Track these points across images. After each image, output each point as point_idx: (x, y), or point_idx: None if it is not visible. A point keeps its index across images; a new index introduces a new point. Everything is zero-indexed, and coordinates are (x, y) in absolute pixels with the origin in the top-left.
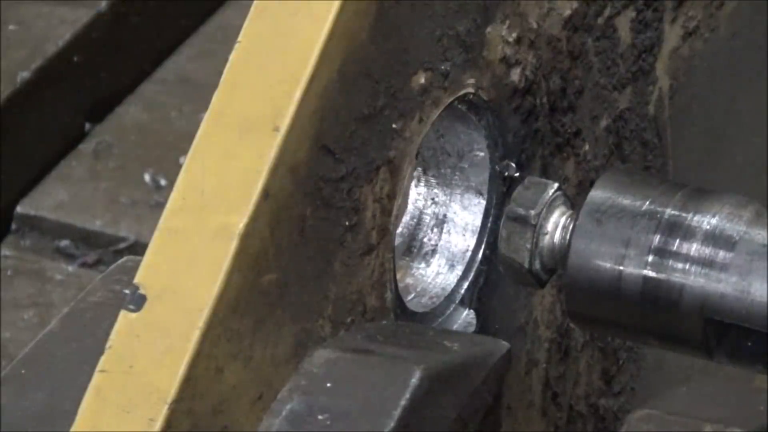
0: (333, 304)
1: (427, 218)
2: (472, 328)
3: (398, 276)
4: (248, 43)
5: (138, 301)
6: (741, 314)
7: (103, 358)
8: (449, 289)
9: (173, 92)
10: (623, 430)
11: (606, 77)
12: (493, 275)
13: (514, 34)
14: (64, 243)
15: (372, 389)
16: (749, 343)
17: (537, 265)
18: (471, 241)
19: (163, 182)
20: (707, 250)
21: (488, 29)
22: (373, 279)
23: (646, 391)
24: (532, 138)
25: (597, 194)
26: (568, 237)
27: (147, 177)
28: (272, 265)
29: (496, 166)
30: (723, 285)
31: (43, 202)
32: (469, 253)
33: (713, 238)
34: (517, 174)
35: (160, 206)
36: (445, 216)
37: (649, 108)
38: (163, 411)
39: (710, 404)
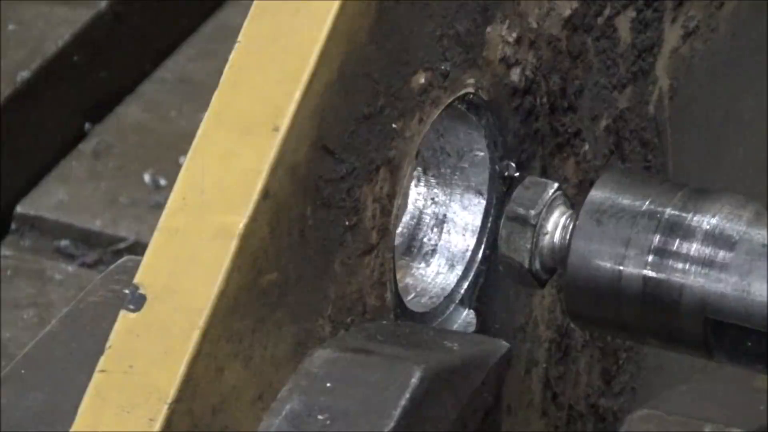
0: (333, 304)
1: (427, 218)
2: (472, 328)
3: (398, 276)
4: (248, 43)
5: (138, 301)
6: (741, 314)
7: (103, 358)
8: (449, 289)
9: (173, 92)
10: (623, 430)
11: (606, 77)
12: (493, 275)
13: (514, 34)
14: (64, 243)
15: (372, 389)
16: (749, 343)
17: (537, 265)
18: (471, 241)
19: (163, 182)
20: (707, 250)
21: (488, 29)
22: (373, 279)
23: (646, 391)
24: (532, 138)
25: (597, 194)
26: (568, 237)
27: (147, 177)
28: (272, 265)
29: (496, 166)
30: (723, 285)
31: (43, 202)
32: (469, 253)
33: (713, 238)
34: (517, 174)
35: (160, 206)
36: (445, 216)
37: (649, 108)
38: (163, 411)
39: (710, 404)
